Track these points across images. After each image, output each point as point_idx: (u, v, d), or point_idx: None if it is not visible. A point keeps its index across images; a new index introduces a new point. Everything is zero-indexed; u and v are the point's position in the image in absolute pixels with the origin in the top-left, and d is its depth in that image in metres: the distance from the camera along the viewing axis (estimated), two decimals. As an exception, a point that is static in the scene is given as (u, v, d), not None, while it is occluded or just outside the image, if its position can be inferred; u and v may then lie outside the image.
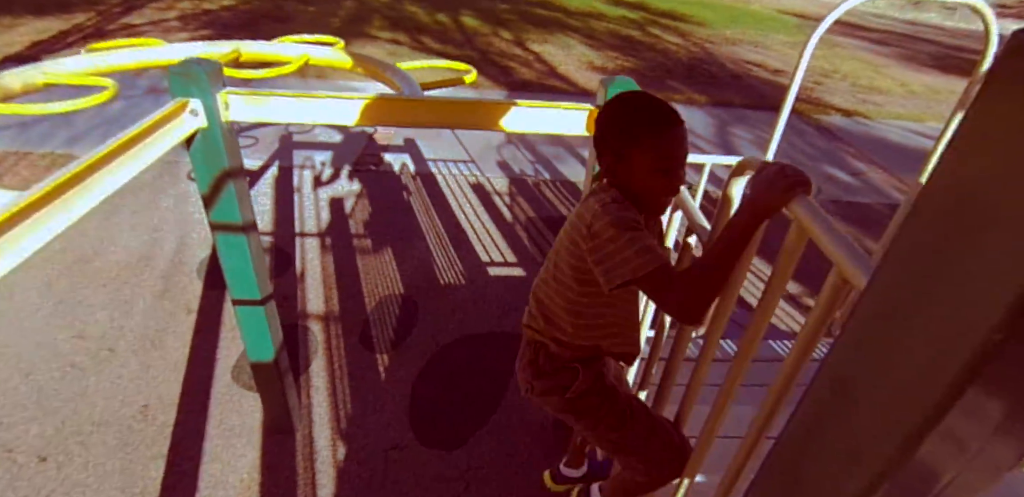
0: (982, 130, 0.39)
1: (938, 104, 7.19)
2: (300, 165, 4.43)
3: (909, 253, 0.46)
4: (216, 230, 1.73)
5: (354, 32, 8.27)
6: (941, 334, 0.41)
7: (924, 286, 0.43)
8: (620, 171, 1.01)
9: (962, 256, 0.39)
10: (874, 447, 0.48)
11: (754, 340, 0.86)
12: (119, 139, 1.29)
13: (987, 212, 0.38)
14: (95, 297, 2.90)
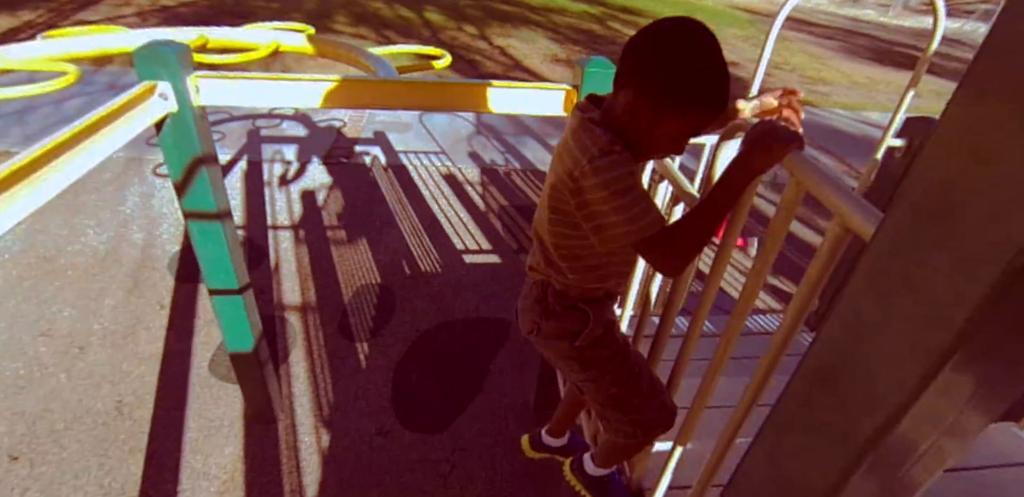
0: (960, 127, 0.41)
1: (878, 94, 7.48)
2: (269, 159, 4.30)
3: (890, 244, 0.48)
4: (190, 218, 1.66)
5: (317, 27, 8.02)
6: (919, 319, 0.45)
7: (906, 272, 0.46)
8: (637, 117, 0.84)
9: (939, 248, 0.42)
10: (859, 422, 0.50)
11: (751, 297, 0.86)
12: (83, 122, 1.22)
13: (960, 202, 0.41)
14: (61, 295, 2.76)
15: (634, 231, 0.82)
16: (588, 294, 1.01)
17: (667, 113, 0.82)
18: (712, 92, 0.81)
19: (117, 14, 8.11)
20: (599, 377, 1.05)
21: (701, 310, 1.00)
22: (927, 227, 0.45)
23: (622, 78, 0.85)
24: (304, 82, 1.49)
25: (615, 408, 1.08)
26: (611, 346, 1.05)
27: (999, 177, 0.39)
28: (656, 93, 0.81)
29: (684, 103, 0.81)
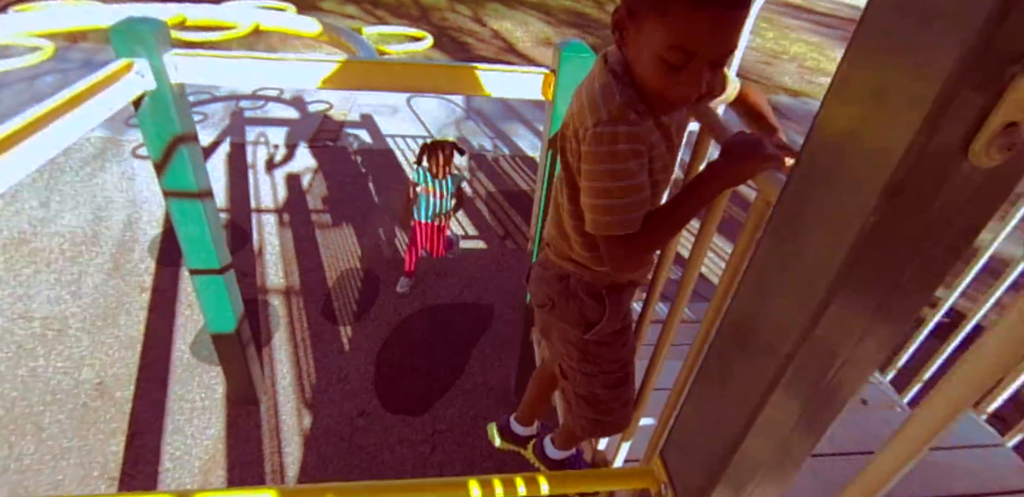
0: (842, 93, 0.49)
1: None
2: (253, 141, 4.30)
3: (790, 201, 0.56)
4: (170, 197, 1.69)
5: (305, 5, 7.94)
6: (806, 273, 0.54)
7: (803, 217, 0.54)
8: (628, 38, 0.74)
9: (820, 211, 0.52)
10: (781, 337, 0.57)
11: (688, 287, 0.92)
12: (58, 99, 1.24)
13: (833, 172, 0.51)
14: (38, 277, 2.78)
15: (597, 223, 0.76)
16: (607, 280, 0.93)
17: (645, 16, 0.69)
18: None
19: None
20: (594, 373, 1.00)
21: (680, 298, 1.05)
22: (811, 193, 0.53)
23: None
24: (282, 62, 1.51)
25: (590, 405, 1.04)
26: (620, 349, 1.00)
27: (858, 152, 0.47)
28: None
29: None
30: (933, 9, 0.41)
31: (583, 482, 0.88)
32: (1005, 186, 0.47)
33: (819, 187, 0.53)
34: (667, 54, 0.69)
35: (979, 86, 0.40)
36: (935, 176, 0.45)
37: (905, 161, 0.44)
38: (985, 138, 0.42)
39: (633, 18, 0.71)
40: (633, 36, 0.72)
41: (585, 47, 1.59)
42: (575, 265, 0.93)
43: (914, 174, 0.45)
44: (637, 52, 0.73)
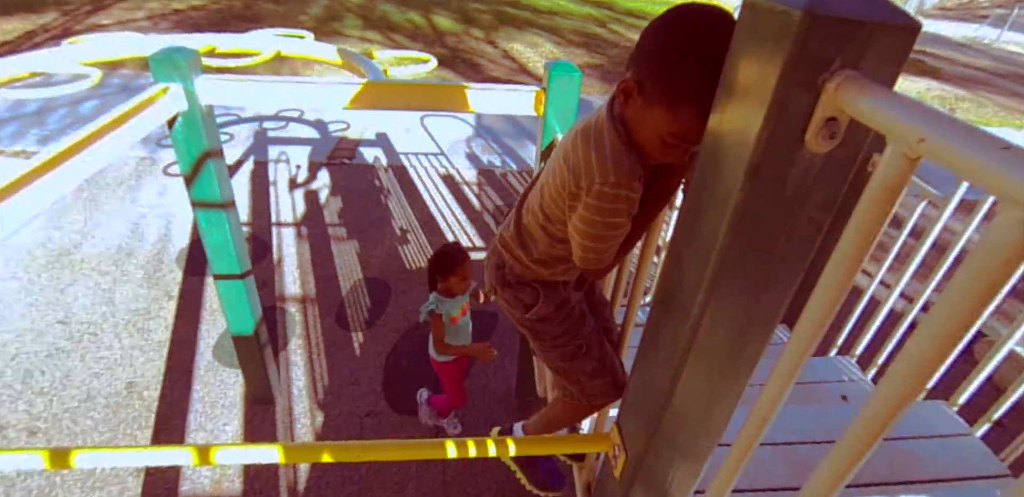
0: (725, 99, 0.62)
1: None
2: (275, 159, 4.54)
3: (695, 186, 0.69)
4: (197, 207, 1.87)
5: (326, 31, 8.36)
6: (705, 244, 0.67)
7: (701, 197, 0.67)
8: (630, 101, 0.81)
9: (713, 192, 0.64)
10: (691, 300, 0.69)
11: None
12: (105, 120, 1.43)
13: (719, 156, 0.64)
14: (77, 286, 2.99)
15: (585, 259, 0.92)
16: (537, 276, 1.06)
17: (653, 96, 0.77)
18: (707, 92, 0.66)
19: (129, 18, 8.47)
20: (548, 349, 1.11)
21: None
22: (706, 179, 0.66)
23: (631, 58, 0.80)
24: (297, 85, 1.69)
25: (562, 376, 1.14)
26: (561, 324, 1.09)
27: (730, 143, 0.60)
28: (646, 68, 0.77)
29: (670, 89, 0.76)
30: (766, 31, 0.54)
31: (548, 445, 0.99)
32: (843, 168, 0.60)
33: (710, 173, 0.66)
34: (667, 138, 0.79)
35: (802, 88, 0.53)
36: (783, 160, 0.58)
37: (758, 148, 0.57)
38: (813, 129, 0.55)
39: (644, 96, 0.78)
40: (639, 109, 0.80)
41: (572, 66, 1.74)
42: (511, 257, 1.06)
43: (767, 159, 0.58)
44: (639, 122, 0.81)
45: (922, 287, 1.78)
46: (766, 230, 0.63)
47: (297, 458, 0.90)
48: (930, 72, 9.65)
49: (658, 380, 0.80)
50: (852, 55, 0.52)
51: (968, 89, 8.87)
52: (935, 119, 0.42)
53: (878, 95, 0.48)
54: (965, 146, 0.39)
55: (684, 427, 0.81)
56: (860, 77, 0.51)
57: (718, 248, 0.64)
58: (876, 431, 0.47)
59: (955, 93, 8.56)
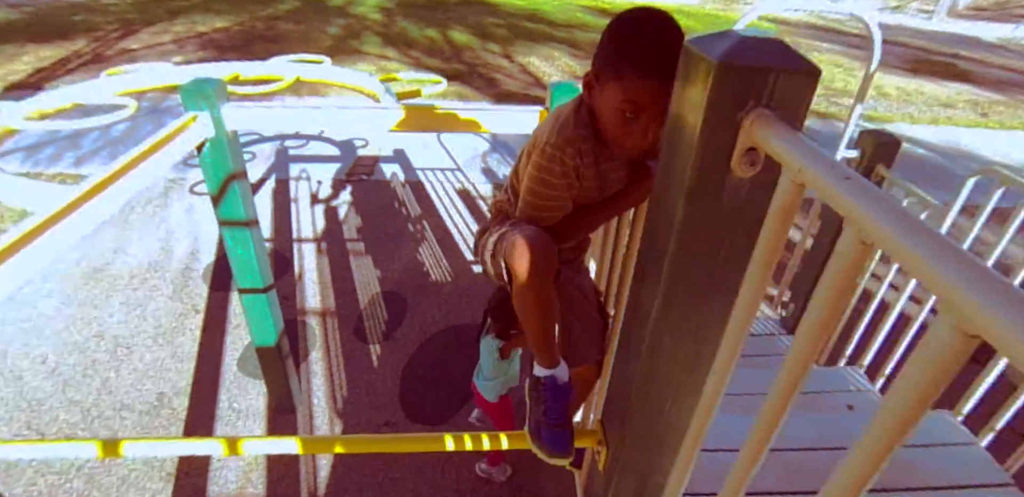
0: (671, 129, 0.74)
1: (907, 105, 7.56)
2: (296, 177, 4.77)
3: (651, 204, 0.80)
4: (223, 225, 2.05)
5: (345, 49, 8.69)
6: (661, 237, 0.76)
7: (655, 213, 0.79)
8: (593, 92, 0.99)
9: (662, 200, 0.75)
10: (652, 299, 0.80)
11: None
12: (142, 147, 1.61)
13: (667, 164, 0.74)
14: (111, 301, 3.21)
15: (520, 208, 1.04)
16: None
17: (605, 77, 0.94)
18: (642, 55, 0.89)
19: (156, 41, 8.93)
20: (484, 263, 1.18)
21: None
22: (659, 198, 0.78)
23: (592, 60, 1.00)
24: (314, 111, 1.86)
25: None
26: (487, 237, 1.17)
27: (675, 168, 0.72)
28: (598, 59, 0.96)
29: (616, 64, 0.92)
30: (695, 75, 0.66)
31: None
32: (768, 189, 0.71)
33: (660, 195, 0.78)
34: (622, 105, 0.94)
35: (724, 124, 0.65)
36: (715, 184, 0.69)
37: (693, 174, 0.69)
38: (736, 158, 0.67)
39: (599, 81, 0.98)
40: (598, 94, 0.98)
41: (573, 87, 1.88)
42: (497, 216, 1.22)
43: (700, 183, 0.70)
44: (602, 105, 0.98)
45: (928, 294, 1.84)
46: (708, 242, 0.74)
47: (314, 449, 1.03)
48: (961, 75, 9.52)
49: (629, 378, 0.91)
50: (763, 96, 0.63)
51: (1003, 92, 8.74)
52: (811, 154, 0.54)
53: (777, 130, 0.60)
54: (827, 177, 0.50)
55: (653, 421, 0.91)
56: (770, 114, 0.63)
57: (668, 259, 0.76)
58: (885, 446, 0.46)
59: (989, 97, 8.44)
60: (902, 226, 0.42)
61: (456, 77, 7.49)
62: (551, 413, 1.11)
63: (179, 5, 11.58)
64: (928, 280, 0.38)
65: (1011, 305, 0.31)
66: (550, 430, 1.10)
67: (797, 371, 0.56)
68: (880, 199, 0.45)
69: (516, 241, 0.99)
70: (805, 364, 0.56)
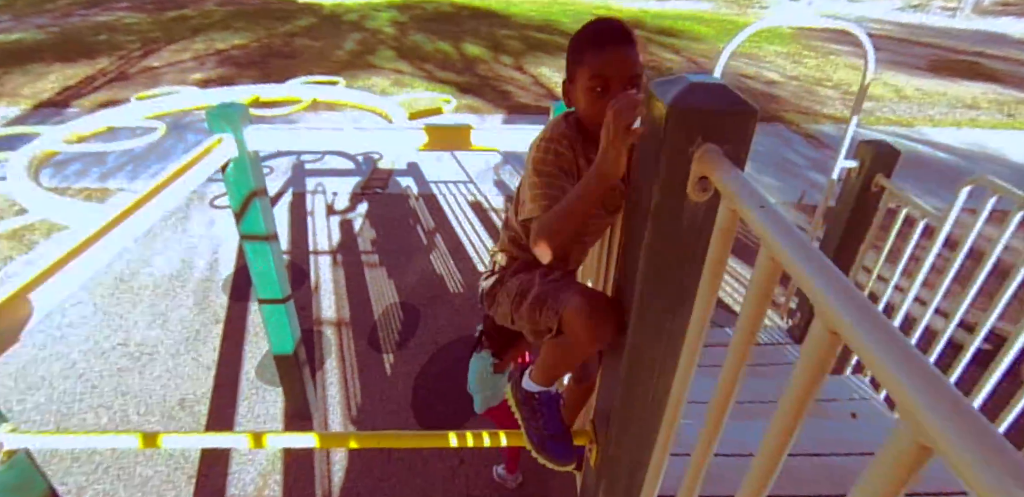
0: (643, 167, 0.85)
1: (929, 107, 7.55)
2: (312, 190, 4.96)
3: (624, 235, 0.92)
4: (245, 239, 2.20)
5: (360, 64, 8.96)
6: (635, 254, 0.87)
7: (629, 233, 0.91)
8: (570, 93, 1.08)
9: (633, 221, 0.86)
10: (628, 308, 0.92)
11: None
12: (176, 166, 1.77)
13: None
14: (135, 311, 3.39)
15: (528, 209, 1.02)
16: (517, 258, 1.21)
17: (575, 69, 1.05)
18: (592, 32, 1.03)
19: (177, 59, 9.29)
20: (501, 306, 1.19)
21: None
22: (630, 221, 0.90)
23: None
24: (330, 132, 2.02)
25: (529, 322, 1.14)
26: (504, 278, 1.20)
27: (641, 192, 0.83)
28: (568, 62, 1.08)
29: (578, 50, 1.04)
30: (656, 115, 0.79)
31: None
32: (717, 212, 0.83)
33: (632, 215, 0.90)
34: (591, 82, 1.02)
35: (678, 156, 0.77)
36: (674, 207, 0.81)
37: (655, 198, 0.81)
38: (691, 185, 0.79)
39: (570, 80, 1.08)
40: (573, 91, 1.07)
41: (572, 108, 2.01)
42: (501, 255, 1.23)
43: (662, 206, 0.82)
44: (577, 96, 1.06)
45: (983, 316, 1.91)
46: (673, 258, 0.86)
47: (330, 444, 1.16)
48: (986, 74, 9.41)
49: (613, 380, 1.02)
50: (709, 133, 0.76)
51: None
52: (738, 184, 0.66)
53: (719, 163, 0.72)
54: (747, 205, 0.62)
55: (633, 421, 1.02)
56: (716, 149, 0.75)
57: (640, 273, 0.88)
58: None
59: (1015, 96, 8.35)
60: (799, 248, 0.54)
61: (469, 90, 7.69)
62: (550, 425, 1.20)
63: (200, 23, 12.03)
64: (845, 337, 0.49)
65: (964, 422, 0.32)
66: (554, 442, 1.20)
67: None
68: (786, 229, 0.57)
69: (577, 305, 0.99)
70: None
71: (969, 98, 8.14)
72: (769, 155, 5.84)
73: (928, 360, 0.39)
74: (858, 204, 2.36)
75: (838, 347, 0.48)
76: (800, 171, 5.53)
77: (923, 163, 5.66)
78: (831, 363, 0.51)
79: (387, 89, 7.61)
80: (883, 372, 0.39)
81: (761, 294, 0.60)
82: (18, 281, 1.17)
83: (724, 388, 0.69)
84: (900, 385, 0.37)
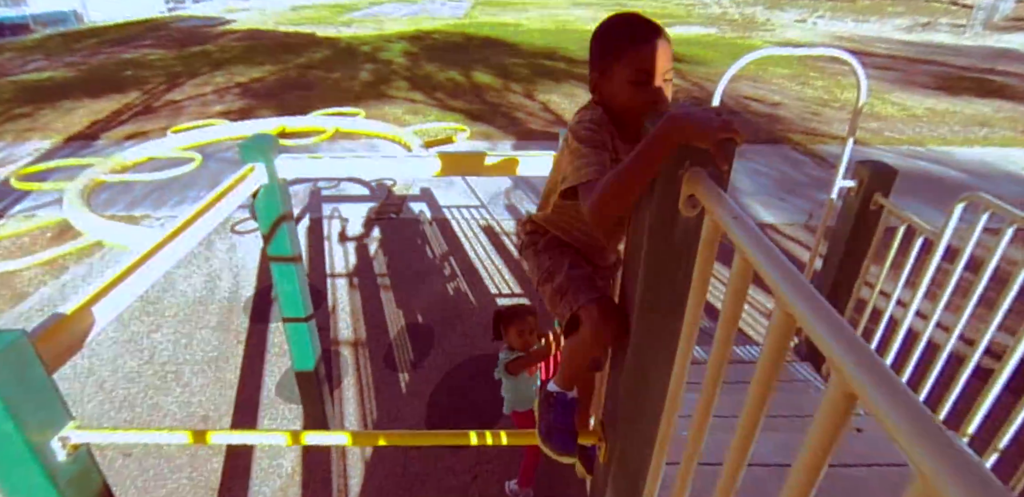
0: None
1: (939, 126, 7.65)
2: (329, 216, 5.14)
3: (629, 249, 1.05)
4: (273, 261, 2.35)
5: (374, 94, 9.30)
6: (636, 261, 1.00)
7: (634, 246, 1.03)
8: (602, 87, 1.11)
9: (635, 241, 0.98)
10: (631, 316, 1.03)
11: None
12: (213, 194, 1.93)
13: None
14: (161, 331, 3.53)
15: (574, 177, 1.04)
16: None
17: (611, 64, 1.08)
18: (626, 27, 1.08)
19: (199, 93, 9.69)
20: (530, 269, 1.34)
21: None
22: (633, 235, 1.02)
23: (589, 70, 1.14)
24: (354, 160, 2.18)
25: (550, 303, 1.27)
26: (538, 245, 1.33)
27: (646, 210, 0.97)
28: (598, 57, 1.11)
29: (613, 46, 1.08)
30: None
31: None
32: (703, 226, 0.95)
33: (634, 232, 1.03)
34: (634, 76, 1.08)
35: (671, 177, 0.90)
36: (668, 221, 0.94)
37: (652, 214, 0.94)
38: (681, 202, 0.92)
39: (604, 75, 1.12)
40: (607, 85, 1.11)
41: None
42: (532, 225, 1.36)
43: (657, 221, 0.94)
44: (612, 91, 1.10)
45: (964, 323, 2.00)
46: (668, 268, 0.98)
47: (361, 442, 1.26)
48: (997, 91, 9.44)
49: (620, 379, 1.13)
50: (695, 158, 0.89)
51: (1046, 106, 8.66)
52: (718, 200, 0.78)
53: (703, 183, 0.85)
54: (724, 217, 0.75)
55: (636, 415, 1.12)
56: (701, 172, 0.88)
57: (641, 281, 1.00)
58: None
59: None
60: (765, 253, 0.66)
61: (480, 117, 7.95)
62: (559, 420, 1.32)
63: (221, 57, 12.56)
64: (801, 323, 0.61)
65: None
66: (559, 433, 1.32)
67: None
68: (753, 234, 0.69)
69: (590, 313, 1.11)
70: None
71: (980, 115, 8.18)
72: (776, 177, 5.96)
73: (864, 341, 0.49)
74: (858, 222, 2.46)
75: (793, 328, 0.60)
76: (807, 191, 5.63)
77: (934, 182, 5.73)
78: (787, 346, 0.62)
79: (401, 117, 7.88)
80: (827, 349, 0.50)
81: (736, 290, 0.72)
82: (82, 296, 1.32)
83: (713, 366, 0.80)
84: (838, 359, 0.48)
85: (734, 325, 0.76)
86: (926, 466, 0.37)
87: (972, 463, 0.36)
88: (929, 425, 0.39)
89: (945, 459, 0.36)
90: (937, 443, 0.37)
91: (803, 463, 0.57)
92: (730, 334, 0.77)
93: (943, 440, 0.37)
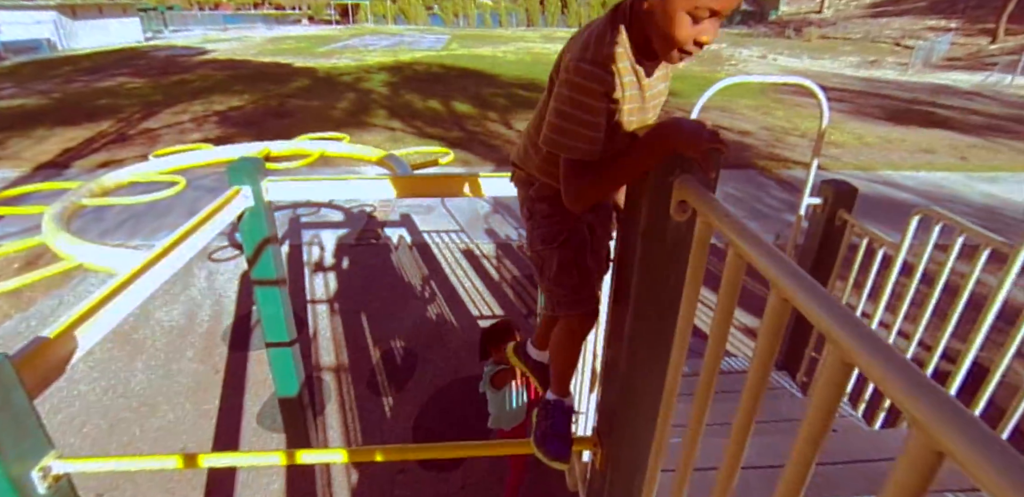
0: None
1: (890, 152, 8.06)
2: (308, 242, 5.10)
3: (620, 250, 1.08)
4: (256, 284, 2.32)
5: (355, 122, 9.37)
6: (630, 267, 1.02)
7: (627, 251, 1.06)
8: (653, 11, 0.89)
9: (628, 244, 1.01)
10: (624, 317, 1.05)
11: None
12: (198, 217, 1.91)
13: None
14: (136, 363, 3.42)
15: (546, 137, 0.96)
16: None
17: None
18: None
19: (176, 121, 9.64)
20: (533, 228, 1.20)
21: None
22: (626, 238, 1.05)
23: None
24: (339, 182, 2.19)
25: (538, 269, 1.21)
26: (552, 208, 1.16)
27: (637, 214, 1.00)
28: None
29: None
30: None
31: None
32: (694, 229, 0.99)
33: (627, 236, 1.06)
34: (696, 12, 0.87)
35: (662, 184, 0.94)
36: (660, 225, 0.97)
37: (644, 218, 0.97)
38: (672, 207, 0.95)
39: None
40: (660, 11, 0.89)
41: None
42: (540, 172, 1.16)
43: (650, 225, 0.97)
44: (664, 10, 0.88)
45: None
46: (660, 270, 1.01)
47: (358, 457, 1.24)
48: (940, 123, 10.10)
49: (614, 378, 1.14)
50: (685, 167, 0.92)
51: (981, 136, 9.26)
52: (709, 203, 0.81)
53: (694, 188, 0.88)
54: (717, 216, 0.78)
55: (629, 419, 1.13)
56: (691, 178, 0.92)
57: (635, 284, 1.02)
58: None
59: (967, 141, 8.92)
60: (756, 243, 0.69)
61: (459, 144, 8.06)
62: (556, 427, 1.31)
63: (200, 86, 12.56)
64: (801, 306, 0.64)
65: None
66: (554, 439, 1.29)
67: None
68: (744, 229, 0.72)
69: (587, 310, 1.15)
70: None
71: (925, 143, 8.70)
72: (745, 199, 6.13)
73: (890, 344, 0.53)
74: (825, 237, 2.55)
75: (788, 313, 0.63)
76: (774, 213, 5.80)
77: (887, 204, 5.99)
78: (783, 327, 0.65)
79: (382, 145, 7.94)
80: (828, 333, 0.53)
81: (731, 283, 0.75)
82: (64, 319, 1.28)
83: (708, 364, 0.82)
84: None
85: (728, 318, 0.78)
86: (921, 415, 0.41)
87: (966, 412, 0.40)
88: (923, 380, 0.44)
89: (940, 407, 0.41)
90: (934, 393, 0.42)
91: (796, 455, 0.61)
92: (725, 330, 0.79)
93: (941, 394, 0.42)
